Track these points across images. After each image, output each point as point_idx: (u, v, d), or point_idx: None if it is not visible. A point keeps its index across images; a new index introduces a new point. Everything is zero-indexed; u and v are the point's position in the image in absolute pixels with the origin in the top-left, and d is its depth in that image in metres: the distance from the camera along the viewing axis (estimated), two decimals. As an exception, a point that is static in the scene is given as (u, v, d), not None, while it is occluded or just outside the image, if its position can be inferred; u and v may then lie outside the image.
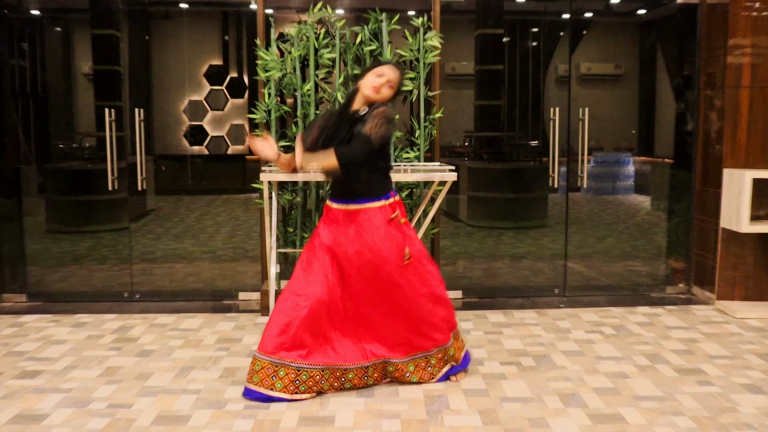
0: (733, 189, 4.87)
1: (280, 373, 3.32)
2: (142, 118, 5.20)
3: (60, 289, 5.42)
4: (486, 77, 6.04)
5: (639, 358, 4.00)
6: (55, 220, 5.80)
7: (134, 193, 5.38)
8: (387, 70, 3.48)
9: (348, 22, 4.88)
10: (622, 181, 6.52)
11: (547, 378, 3.68)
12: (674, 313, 4.96)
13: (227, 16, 6.31)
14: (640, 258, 5.87)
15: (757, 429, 3.06)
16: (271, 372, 3.32)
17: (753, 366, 3.86)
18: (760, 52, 4.91)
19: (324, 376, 3.39)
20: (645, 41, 6.10)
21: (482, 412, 3.23)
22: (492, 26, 5.87)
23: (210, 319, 4.79)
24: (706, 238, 5.24)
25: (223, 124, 6.33)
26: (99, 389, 3.51)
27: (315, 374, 3.37)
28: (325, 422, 3.13)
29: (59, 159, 5.80)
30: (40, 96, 5.65)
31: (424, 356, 3.54)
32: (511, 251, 6.05)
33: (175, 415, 3.20)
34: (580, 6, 5.51)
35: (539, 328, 4.59)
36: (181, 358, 3.99)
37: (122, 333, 4.47)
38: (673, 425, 3.10)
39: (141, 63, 5.91)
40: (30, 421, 3.15)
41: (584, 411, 3.25)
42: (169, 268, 5.74)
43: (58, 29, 5.75)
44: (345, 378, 3.45)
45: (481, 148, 6.25)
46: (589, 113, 5.32)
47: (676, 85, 5.73)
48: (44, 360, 3.95)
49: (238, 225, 6.28)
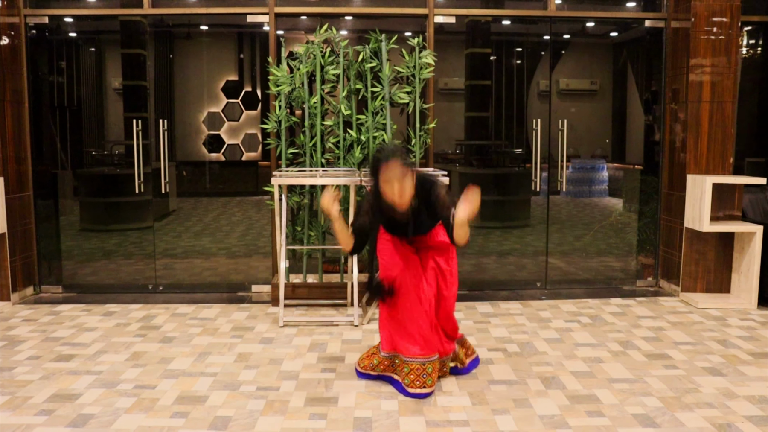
0: (696, 193, 4.88)
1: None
2: (165, 128, 5.20)
3: (91, 282, 5.42)
4: (475, 91, 6.03)
5: (612, 344, 4.00)
6: (87, 220, 5.80)
7: (158, 196, 5.37)
8: (390, 175, 2.98)
9: (351, 42, 4.89)
10: (597, 186, 6.52)
11: (530, 363, 3.68)
12: (644, 304, 4.96)
13: (242, 37, 6.30)
14: (613, 254, 5.87)
15: (717, 407, 3.08)
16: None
17: (713, 351, 3.87)
18: (718, 70, 4.92)
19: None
20: (617, 60, 6.10)
21: (471, 394, 3.24)
22: (480, 46, 5.87)
23: (225, 309, 4.80)
24: (672, 237, 5.25)
25: (238, 134, 6.33)
26: (126, 372, 3.52)
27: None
28: (330, 402, 3.13)
29: (91, 165, 5.80)
30: (75, 108, 5.65)
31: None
32: (497, 248, 6.04)
33: (194, 396, 3.21)
34: (559, 28, 5.52)
35: (523, 317, 4.60)
36: (200, 344, 3.99)
37: (147, 321, 4.47)
38: (643, 404, 3.11)
39: (165, 78, 5.91)
40: (65, 399, 3.16)
41: (563, 392, 3.26)
42: (189, 263, 5.73)
43: (92, 49, 5.75)
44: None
45: (471, 155, 6.24)
46: (568, 124, 5.33)
47: (645, 99, 5.73)
48: (78, 345, 3.96)
49: (251, 224, 6.28)
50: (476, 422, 2.92)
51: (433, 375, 3.24)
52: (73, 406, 3.09)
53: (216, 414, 3.00)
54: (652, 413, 3.02)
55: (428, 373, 3.23)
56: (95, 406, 3.09)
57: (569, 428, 2.87)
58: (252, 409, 3.06)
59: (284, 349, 3.90)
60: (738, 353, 3.83)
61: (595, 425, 2.90)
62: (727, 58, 4.91)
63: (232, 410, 3.04)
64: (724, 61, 4.91)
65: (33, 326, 4.35)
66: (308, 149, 4.83)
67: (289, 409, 3.06)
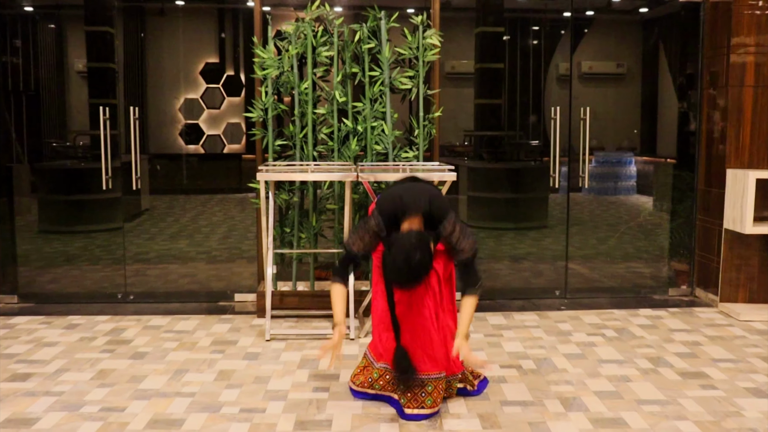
0: (737, 189, 4.87)
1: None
2: (136, 117, 5.19)
3: (52, 290, 5.41)
4: (486, 76, 6.04)
5: (641, 361, 3.99)
6: (47, 220, 5.79)
7: (128, 193, 5.37)
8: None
9: (346, 20, 4.88)
10: (624, 182, 6.52)
11: (548, 381, 3.67)
12: (677, 315, 4.95)
13: (224, 13, 6.30)
14: (642, 259, 5.87)
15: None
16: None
17: (758, 369, 3.85)
18: (763, 50, 4.91)
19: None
20: (647, 40, 6.10)
21: (482, 416, 3.22)
22: (492, 24, 5.87)
23: (205, 320, 4.78)
24: (709, 240, 5.24)
25: (219, 123, 6.32)
26: (91, 392, 3.50)
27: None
28: (322, 426, 3.12)
29: (52, 158, 5.79)
30: (33, 93, 5.64)
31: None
32: (511, 252, 6.05)
33: (169, 419, 3.19)
34: (581, 4, 5.51)
35: (540, 330, 4.59)
36: (176, 360, 3.97)
37: (115, 335, 4.45)
38: (676, 430, 3.10)
39: (136, 60, 5.90)
40: (21, 424, 3.13)
41: (585, 415, 3.25)
42: (164, 269, 5.73)
43: (52, 26, 5.74)
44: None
45: (481, 148, 6.24)
46: (591, 112, 5.32)
47: (678, 84, 5.73)
48: (35, 362, 3.93)
49: (234, 225, 6.28)
50: (488, 450, 2.91)
51: (434, 395, 3.21)
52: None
53: (192, 440, 2.99)
54: (688, 439, 3.01)
55: (428, 392, 3.21)
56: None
57: (594, 456, 2.85)
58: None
59: (271, 365, 3.89)
60: (784, 371, 3.83)
61: (624, 453, 2.89)
62: (772, 36, 4.91)
63: (211, 436, 3.02)
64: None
65: (-14, 340, 4.34)
66: (298, 141, 4.82)
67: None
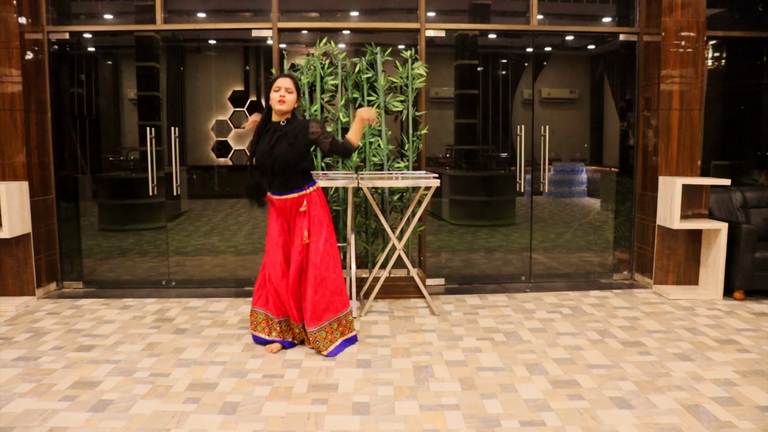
0: (667, 193, 4.90)
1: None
2: (177, 135, 5.20)
3: (110, 278, 5.41)
4: (464, 100, 6.04)
5: (591, 333, 4.02)
6: (105, 221, 5.78)
7: (170, 198, 5.37)
8: (280, 82, 3.52)
9: (348, 54, 4.88)
10: (577, 187, 6.53)
11: (516, 351, 3.69)
12: (620, 296, 4.98)
13: (248, 50, 6.29)
14: (592, 250, 5.88)
15: (686, 390, 3.10)
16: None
17: (683, 338, 3.89)
18: (686, 80, 4.95)
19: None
20: (595, 71, 6.12)
21: (462, 380, 3.25)
22: (468, 58, 5.88)
23: (233, 302, 4.80)
24: (645, 234, 5.27)
25: (244, 140, 6.32)
26: (142, 361, 3.52)
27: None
28: (330, 389, 3.14)
29: (109, 169, 5.78)
30: (94, 117, 5.64)
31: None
32: (485, 245, 6.05)
33: (205, 383, 3.21)
34: (541, 42, 5.53)
35: (509, 309, 4.61)
36: (210, 335, 4.00)
37: (161, 314, 4.47)
38: (619, 388, 3.13)
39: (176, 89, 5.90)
40: (87, 386, 3.16)
41: (546, 378, 3.28)
42: (200, 260, 5.72)
43: (109, 62, 5.74)
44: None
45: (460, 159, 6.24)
46: (549, 130, 5.34)
47: (620, 107, 5.75)
48: (97, 336, 3.96)
49: (256, 224, 6.27)
50: (466, 406, 2.94)
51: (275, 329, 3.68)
52: (93, 392, 3.09)
53: (225, 400, 3.01)
54: (628, 396, 3.04)
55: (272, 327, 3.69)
56: (114, 392, 3.09)
57: (551, 411, 2.88)
58: (258, 395, 3.07)
59: (288, 339, 3.90)
60: (705, 340, 3.86)
61: (576, 407, 2.92)
62: (694, 69, 4.94)
63: (240, 396, 3.05)
64: (691, 72, 4.94)
65: (56, 319, 4.35)
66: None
67: (293, 394, 3.07)
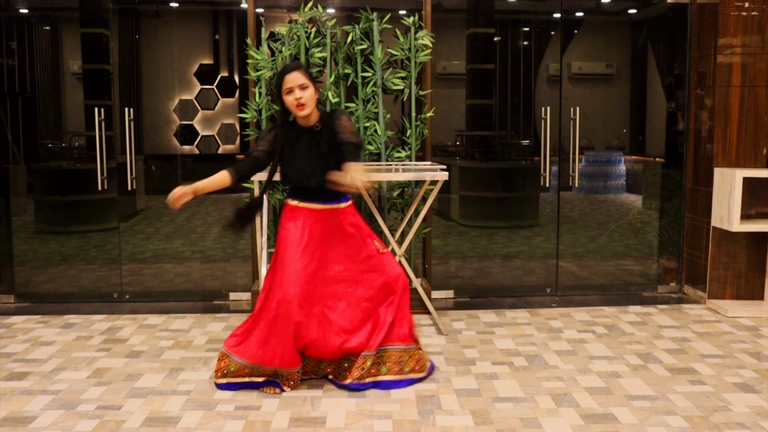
0: (724, 188, 4.88)
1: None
2: (131, 118, 5.18)
3: (48, 290, 5.39)
4: (477, 76, 6.04)
5: (631, 357, 4.00)
6: (43, 220, 5.77)
7: (124, 193, 5.35)
8: (289, 81, 3.38)
9: (339, 22, 4.87)
10: (614, 180, 6.53)
11: (539, 378, 3.68)
12: (666, 312, 4.97)
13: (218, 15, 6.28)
14: (631, 257, 5.89)
15: (750, 428, 3.07)
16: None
17: (745, 365, 3.87)
18: (749, 51, 4.93)
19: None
20: (636, 40, 6.12)
21: (474, 413, 3.23)
22: (483, 25, 5.88)
23: (200, 319, 4.78)
24: (697, 237, 5.26)
25: (213, 124, 6.31)
26: (88, 391, 3.49)
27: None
28: (317, 423, 3.11)
29: (48, 158, 5.77)
30: (28, 95, 5.62)
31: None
32: (502, 251, 6.05)
33: (165, 417, 3.18)
34: (571, 5, 5.52)
35: (531, 327, 4.59)
36: (171, 359, 3.97)
37: (111, 334, 4.44)
38: (666, 425, 3.10)
39: (131, 62, 5.88)
40: (18, 423, 3.12)
41: (576, 411, 3.25)
42: (159, 269, 5.72)
43: (47, 28, 5.72)
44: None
45: (473, 148, 6.25)
46: (581, 112, 5.33)
47: (667, 84, 5.74)
48: (32, 361, 3.92)
49: (228, 225, 6.26)
50: (481, 445, 2.91)
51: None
52: (26, 430, 3.05)
53: (188, 438, 2.98)
54: (677, 434, 3.02)
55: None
56: (52, 430, 3.05)
57: (585, 451, 2.86)
58: (229, 430, 3.03)
59: (265, 364, 3.88)
60: (771, 366, 3.85)
61: (614, 448, 2.90)
62: (760, 36, 4.92)
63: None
64: (757, 41, 4.92)
65: (-18, 340, 4.32)
66: (292, 141, 4.81)
67: (272, 430, 3.04)
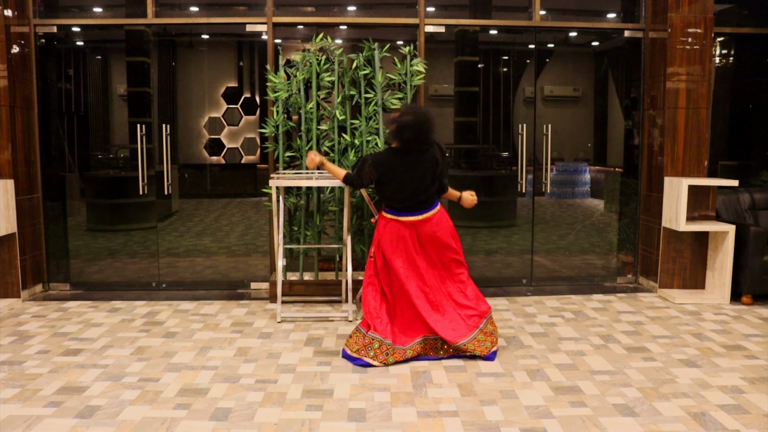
0: (673, 194, 4.90)
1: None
2: (168, 133, 5.19)
3: (98, 280, 5.40)
4: (464, 97, 6.04)
5: (594, 338, 4.02)
6: (93, 220, 5.78)
7: (161, 197, 5.36)
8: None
9: (345, 50, 4.88)
10: (580, 187, 6.53)
11: (516, 356, 3.69)
12: (624, 299, 4.98)
13: (242, 45, 6.29)
14: (595, 253, 5.89)
15: (692, 397, 3.10)
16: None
17: (689, 344, 3.90)
18: (693, 78, 4.95)
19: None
20: (599, 68, 6.13)
21: (461, 386, 3.25)
22: (469, 54, 5.88)
23: (226, 305, 4.79)
24: (650, 236, 5.28)
25: (237, 138, 6.32)
26: (131, 365, 3.51)
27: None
28: (325, 394, 3.13)
29: (97, 168, 5.78)
30: (82, 113, 5.63)
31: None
32: (485, 247, 6.05)
33: (196, 388, 3.21)
34: (543, 38, 5.53)
35: (509, 313, 4.61)
36: (201, 339, 3.99)
37: (150, 317, 4.46)
38: (623, 395, 3.13)
39: (168, 85, 5.89)
40: (73, 392, 3.15)
41: (548, 384, 3.28)
42: (191, 262, 5.72)
43: (98, 57, 5.73)
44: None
45: (460, 158, 6.24)
46: (552, 129, 5.34)
47: (624, 105, 5.76)
48: (85, 340, 3.95)
49: (250, 224, 6.26)
50: (465, 412, 2.94)
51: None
52: (80, 398, 3.08)
53: (217, 405, 3.00)
54: (632, 403, 3.04)
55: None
56: (101, 398, 3.08)
57: (553, 418, 2.88)
58: (251, 400, 3.06)
59: (282, 343, 3.90)
60: (712, 346, 3.86)
61: (578, 415, 2.92)
62: (701, 66, 4.94)
63: (232, 402, 3.04)
64: (698, 70, 4.95)
65: (42, 322, 4.33)
66: (304, 152, 4.83)
67: (287, 400, 3.06)
